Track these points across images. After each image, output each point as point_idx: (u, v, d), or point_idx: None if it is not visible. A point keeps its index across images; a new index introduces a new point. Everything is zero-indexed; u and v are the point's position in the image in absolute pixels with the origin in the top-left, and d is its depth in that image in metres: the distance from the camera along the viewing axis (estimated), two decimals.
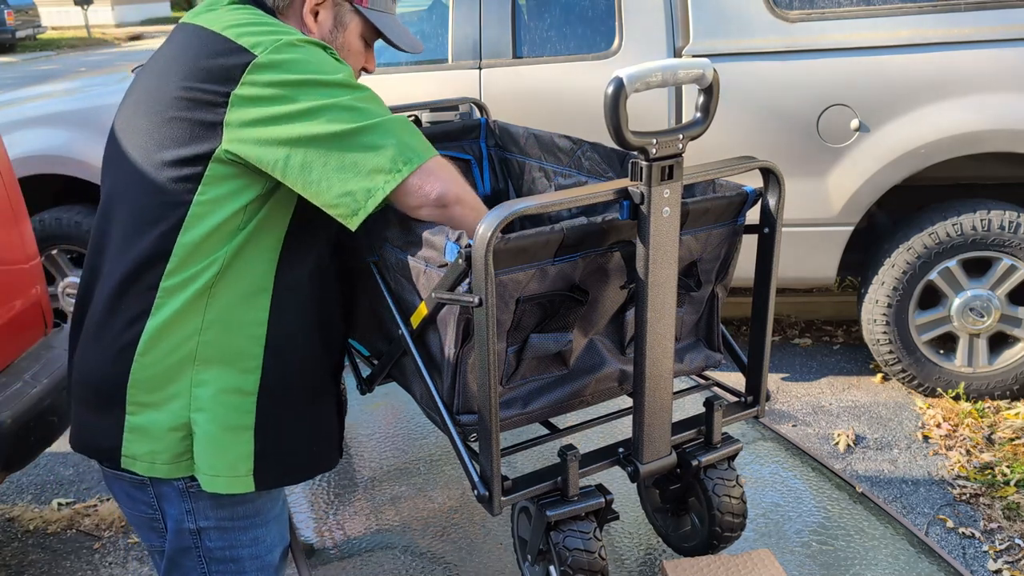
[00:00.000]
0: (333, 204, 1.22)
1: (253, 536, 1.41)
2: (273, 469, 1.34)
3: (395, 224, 1.37)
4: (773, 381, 3.80)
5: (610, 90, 1.14)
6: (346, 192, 1.21)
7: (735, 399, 1.54)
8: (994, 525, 2.77)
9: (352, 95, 1.22)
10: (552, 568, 1.32)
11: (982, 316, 3.38)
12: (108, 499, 3.10)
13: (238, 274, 1.28)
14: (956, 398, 3.49)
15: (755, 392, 1.50)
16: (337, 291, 1.48)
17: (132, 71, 4.24)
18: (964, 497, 2.92)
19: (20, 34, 20.25)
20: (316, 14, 1.35)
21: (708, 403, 1.44)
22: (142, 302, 1.27)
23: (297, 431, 1.37)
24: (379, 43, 1.54)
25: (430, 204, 1.24)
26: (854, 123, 3.29)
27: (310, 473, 1.42)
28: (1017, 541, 2.69)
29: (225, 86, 1.20)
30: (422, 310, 1.32)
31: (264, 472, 1.33)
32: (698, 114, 1.24)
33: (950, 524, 2.79)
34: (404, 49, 1.46)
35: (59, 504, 3.08)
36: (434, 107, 2.14)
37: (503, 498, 1.26)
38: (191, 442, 1.31)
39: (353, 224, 1.22)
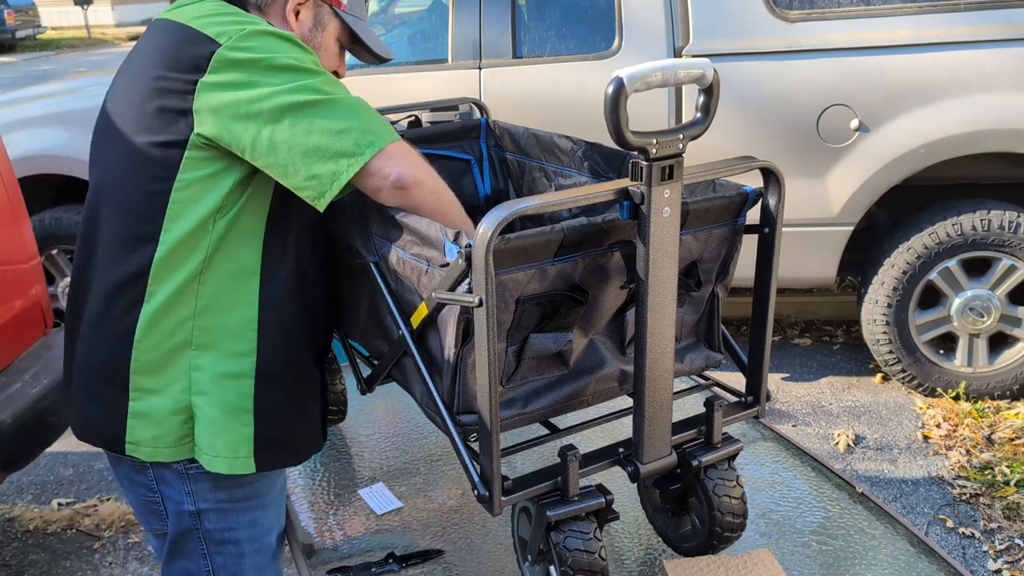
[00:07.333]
0: (301, 187, 1.26)
1: (251, 518, 1.44)
2: (272, 451, 1.38)
3: (396, 223, 1.37)
4: (773, 381, 3.80)
5: (610, 90, 1.14)
6: (312, 175, 1.25)
7: (735, 399, 1.54)
8: (994, 525, 2.77)
9: (315, 79, 1.26)
10: (552, 568, 1.32)
11: (982, 316, 3.38)
12: (108, 499, 3.10)
13: (225, 259, 1.31)
14: (956, 398, 3.49)
15: (755, 392, 1.49)
16: (324, 278, 1.51)
17: None
18: (964, 497, 2.92)
19: (20, 34, 20.23)
20: (297, 13, 1.41)
21: (708, 403, 1.44)
22: (136, 290, 1.31)
23: (291, 415, 1.42)
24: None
25: (388, 186, 1.27)
26: (854, 123, 3.29)
27: (304, 455, 1.47)
28: (1017, 541, 2.69)
29: (193, 74, 1.25)
30: (422, 310, 1.33)
31: (264, 454, 1.37)
32: (698, 114, 1.24)
33: (950, 524, 2.79)
34: (377, 54, 1.52)
35: (59, 504, 3.08)
36: (434, 107, 2.14)
37: (503, 498, 1.26)
38: (192, 425, 1.34)
39: (320, 206, 1.26)
